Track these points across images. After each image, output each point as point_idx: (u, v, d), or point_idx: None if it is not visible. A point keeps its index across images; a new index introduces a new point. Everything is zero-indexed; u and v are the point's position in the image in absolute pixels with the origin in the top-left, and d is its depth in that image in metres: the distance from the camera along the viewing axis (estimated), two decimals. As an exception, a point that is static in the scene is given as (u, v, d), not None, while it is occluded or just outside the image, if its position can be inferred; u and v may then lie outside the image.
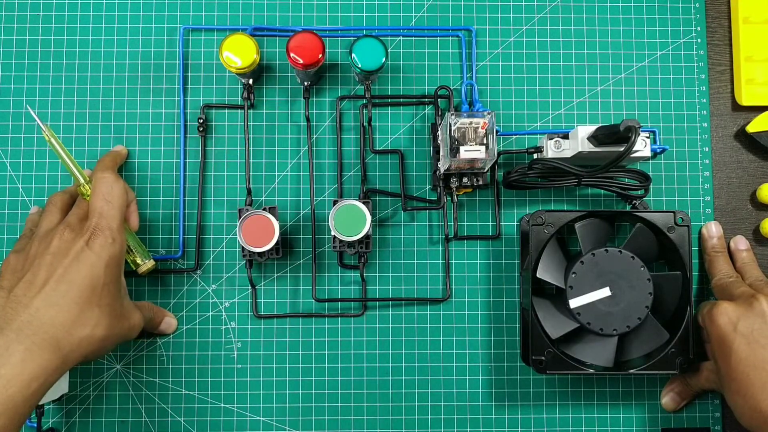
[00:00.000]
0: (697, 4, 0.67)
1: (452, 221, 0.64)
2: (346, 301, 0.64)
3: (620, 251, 0.59)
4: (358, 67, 0.60)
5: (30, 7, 0.65)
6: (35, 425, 0.60)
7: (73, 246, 0.49)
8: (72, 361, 0.48)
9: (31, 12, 0.65)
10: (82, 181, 0.57)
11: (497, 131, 0.64)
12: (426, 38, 0.66)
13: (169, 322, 0.61)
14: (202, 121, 0.64)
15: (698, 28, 0.67)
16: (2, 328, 0.45)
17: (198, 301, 0.63)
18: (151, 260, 0.59)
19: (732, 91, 0.66)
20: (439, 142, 0.61)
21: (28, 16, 0.65)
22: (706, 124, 0.66)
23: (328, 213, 0.59)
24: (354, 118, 0.65)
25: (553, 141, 0.60)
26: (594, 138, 0.57)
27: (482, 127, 0.57)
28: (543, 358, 0.59)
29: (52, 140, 0.56)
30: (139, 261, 0.59)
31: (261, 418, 0.63)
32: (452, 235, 0.64)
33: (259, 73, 0.65)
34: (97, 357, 0.51)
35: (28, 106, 0.59)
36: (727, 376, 0.55)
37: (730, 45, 0.67)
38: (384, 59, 0.60)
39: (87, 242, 0.49)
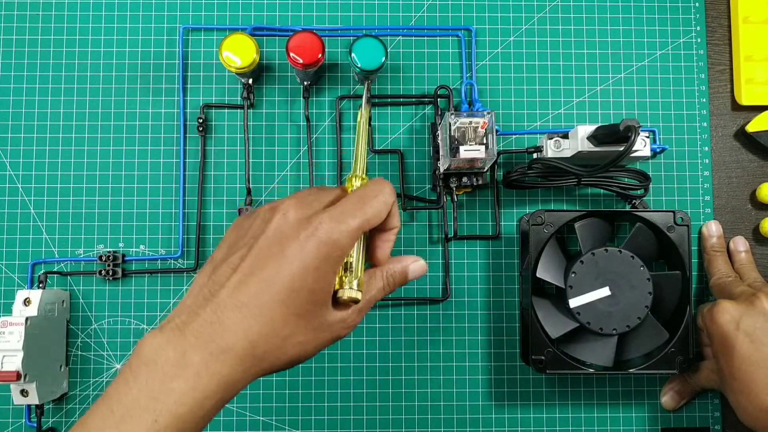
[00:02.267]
0: (697, 4, 0.67)
1: (452, 221, 0.64)
2: (346, 301, 0.64)
3: (620, 251, 0.59)
4: (358, 67, 0.60)
5: (30, 7, 0.65)
6: (35, 425, 0.60)
7: (293, 234, 0.37)
8: (252, 377, 0.38)
9: (30, 12, 0.65)
10: (359, 172, 0.44)
11: (497, 131, 0.64)
12: (426, 38, 0.66)
13: (417, 267, 0.45)
14: (201, 120, 0.64)
15: (698, 28, 0.67)
16: (185, 325, 0.36)
17: (198, 300, 0.63)
18: (358, 293, 0.41)
19: (732, 91, 0.66)
20: (439, 141, 0.61)
21: (27, 16, 0.65)
22: (705, 124, 0.66)
23: (328, 213, 0.59)
24: (354, 117, 0.65)
25: (552, 141, 0.60)
26: (594, 138, 0.57)
27: (482, 127, 0.57)
28: (543, 357, 0.58)
29: (363, 122, 0.45)
30: (346, 283, 0.40)
31: (261, 418, 0.63)
32: (452, 235, 0.64)
33: (259, 73, 0.65)
34: (284, 369, 0.40)
35: (367, 82, 0.50)
36: (729, 375, 0.55)
37: (730, 45, 0.67)
38: (384, 59, 0.60)
39: (307, 237, 0.37)
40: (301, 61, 0.58)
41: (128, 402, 0.34)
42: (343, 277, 0.40)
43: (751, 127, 0.65)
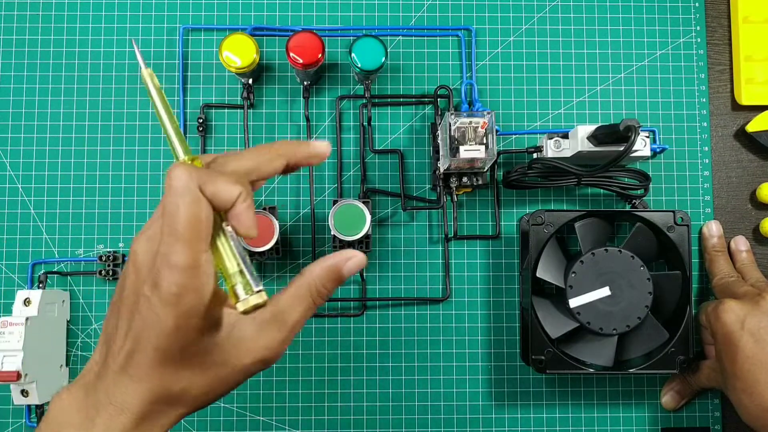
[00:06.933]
0: (697, 4, 0.67)
1: (452, 221, 0.64)
2: (346, 301, 0.64)
3: (620, 251, 0.59)
4: (358, 67, 0.60)
5: (30, 7, 0.65)
6: (35, 425, 0.60)
7: (140, 294, 0.34)
8: (169, 424, 0.36)
9: (30, 12, 0.65)
10: (182, 158, 0.36)
11: (497, 131, 0.64)
12: (426, 38, 0.66)
13: (355, 264, 0.39)
14: (201, 120, 0.64)
15: (698, 28, 0.67)
16: (91, 385, 0.36)
17: (198, 300, 0.63)
18: (259, 294, 0.35)
19: (732, 91, 0.66)
20: (439, 141, 0.61)
21: (27, 16, 0.65)
22: (705, 124, 0.66)
23: (328, 213, 0.59)
24: (354, 117, 0.65)
25: (552, 140, 0.60)
26: (594, 137, 0.57)
27: (482, 127, 0.57)
28: (543, 357, 0.58)
29: (152, 89, 0.36)
30: (240, 291, 0.35)
31: (261, 418, 0.63)
32: (452, 235, 0.64)
33: (259, 73, 0.65)
34: (202, 408, 0.38)
35: (133, 40, 0.45)
36: (732, 374, 0.54)
37: (730, 44, 0.67)
38: (384, 59, 0.60)
39: (151, 289, 0.33)
40: (301, 61, 0.58)
41: None
42: (234, 287, 0.35)
43: (751, 127, 0.65)
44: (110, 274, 0.63)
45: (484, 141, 0.57)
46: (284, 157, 0.37)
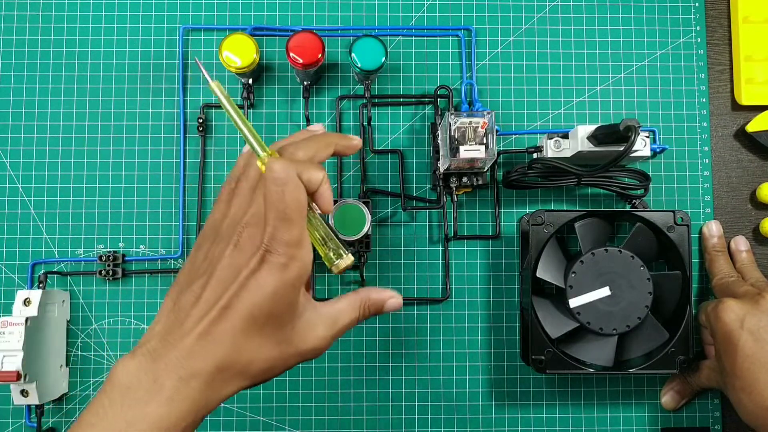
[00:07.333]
0: (697, 4, 0.67)
1: (452, 221, 0.64)
2: (346, 301, 0.64)
3: (620, 251, 0.59)
4: (358, 67, 0.60)
5: (30, 7, 0.65)
6: (35, 425, 0.60)
7: (243, 269, 0.38)
8: (224, 397, 0.39)
9: (31, 12, 0.65)
10: (261, 154, 0.41)
11: (497, 131, 0.64)
12: (426, 38, 0.66)
13: (394, 303, 0.45)
14: (201, 120, 0.64)
15: (698, 28, 0.67)
16: (156, 351, 0.37)
17: (198, 300, 0.63)
18: (348, 255, 0.43)
19: (732, 91, 0.66)
20: (439, 141, 0.61)
21: (27, 16, 0.65)
22: (705, 124, 0.66)
23: (328, 213, 0.59)
24: (354, 117, 0.65)
25: (552, 140, 0.60)
26: (594, 137, 0.57)
27: (482, 127, 0.57)
28: (543, 357, 0.58)
29: (222, 99, 0.41)
30: (333, 256, 0.43)
31: (261, 418, 0.63)
32: (452, 235, 0.64)
33: (259, 73, 0.65)
34: (255, 386, 0.42)
35: (196, 58, 0.48)
36: (731, 373, 0.54)
37: (730, 44, 0.67)
38: (384, 59, 0.60)
39: (259, 263, 0.38)
40: (301, 61, 0.58)
41: (104, 427, 0.35)
42: (328, 253, 0.43)
43: (751, 127, 0.65)
44: (110, 274, 0.63)
45: (484, 141, 0.57)
46: (332, 146, 0.43)
